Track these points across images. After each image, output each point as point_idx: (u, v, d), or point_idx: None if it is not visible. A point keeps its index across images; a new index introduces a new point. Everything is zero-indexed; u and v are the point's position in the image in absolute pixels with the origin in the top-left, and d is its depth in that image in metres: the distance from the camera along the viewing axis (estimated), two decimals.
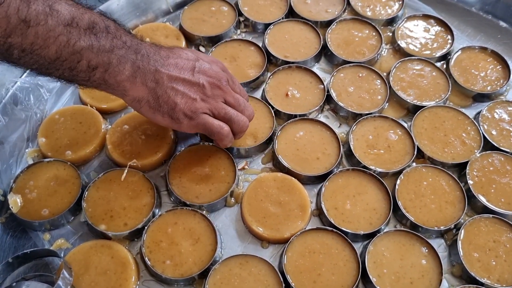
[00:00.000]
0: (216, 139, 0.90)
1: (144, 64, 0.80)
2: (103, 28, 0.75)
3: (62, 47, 0.70)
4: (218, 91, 0.88)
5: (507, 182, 0.95)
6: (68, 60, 0.72)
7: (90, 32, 0.72)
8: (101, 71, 0.76)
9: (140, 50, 0.80)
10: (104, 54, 0.75)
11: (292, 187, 0.94)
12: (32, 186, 0.93)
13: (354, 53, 1.15)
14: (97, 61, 0.74)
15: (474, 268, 0.85)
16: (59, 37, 0.69)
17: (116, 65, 0.77)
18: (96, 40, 0.73)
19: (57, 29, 0.68)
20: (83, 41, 0.71)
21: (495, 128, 1.02)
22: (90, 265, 0.84)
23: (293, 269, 0.84)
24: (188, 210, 0.90)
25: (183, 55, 0.87)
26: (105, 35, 0.75)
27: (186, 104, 0.84)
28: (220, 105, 0.88)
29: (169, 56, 0.84)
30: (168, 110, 0.83)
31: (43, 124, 1.02)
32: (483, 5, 1.26)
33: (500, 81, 1.10)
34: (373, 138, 1.01)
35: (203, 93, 0.86)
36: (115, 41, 0.76)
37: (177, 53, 0.86)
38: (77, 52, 0.71)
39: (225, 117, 0.88)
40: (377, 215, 0.91)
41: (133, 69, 0.79)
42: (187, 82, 0.84)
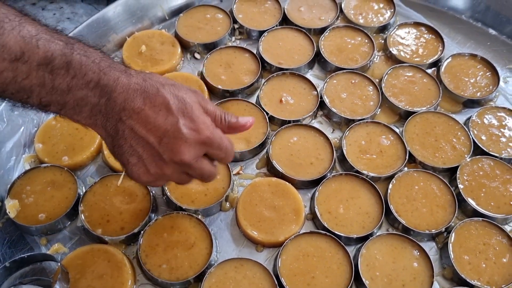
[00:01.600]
0: None
1: (107, 110, 0.69)
2: (63, 64, 0.65)
3: (8, 82, 0.63)
4: (179, 167, 0.74)
5: (497, 186, 0.96)
6: (16, 95, 0.65)
7: (44, 69, 0.64)
8: (55, 108, 0.68)
9: (107, 94, 0.69)
10: (58, 94, 0.66)
11: (286, 192, 0.95)
12: (29, 191, 0.94)
13: (347, 60, 1.17)
14: (49, 99, 0.66)
15: (464, 271, 0.86)
16: (3, 73, 0.61)
17: (72, 106, 0.68)
18: (51, 78, 0.64)
19: (1, 64, 0.61)
20: (32, 79, 0.63)
21: (485, 134, 1.05)
22: (86, 269, 0.85)
23: (287, 272, 0.85)
24: (183, 215, 0.91)
25: (162, 111, 0.70)
26: (63, 72, 0.65)
27: (138, 171, 0.73)
28: (175, 179, 0.78)
29: (143, 108, 0.70)
30: (120, 160, 0.75)
31: (40, 130, 1.03)
32: (473, 13, 1.29)
33: (490, 87, 1.13)
34: (366, 143, 1.02)
35: (161, 166, 0.73)
36: (74, 81, 0.66)
37: (157, 105, 0.70)
38: (25, 89, 0.64)
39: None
40: (369, 218, 0.92)
41: (92, 112, 0.70)
42: (150, 147, 0.71)
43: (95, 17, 1.18)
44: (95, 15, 1.18)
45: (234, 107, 1.07)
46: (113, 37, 1.21)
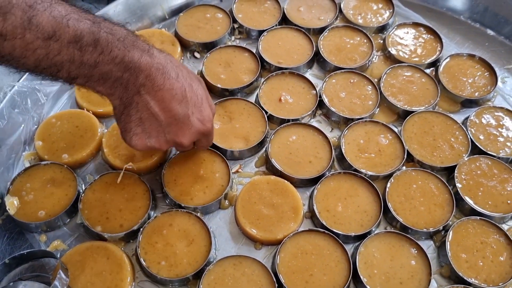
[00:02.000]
0: None
1: (128, 83, 0.76)
2: (90, 42, 0.70)
3: (41, 59, 0.68)
4: (175, 146, 0.86)
5: (494, 185, 0.97)
6: (48, 69, 0.70)
7: (74, 46, 0.69)
8: (81, 80, 0.74)
9: (131, 69, 0.75)
10: (86, 68, 0.72)
11: (285, 190, 0.95)
12: (29, 188, 0.94)
13: (346, 59, 1.18)
14: (77, 73, 0.72)
15: (462, 269, 0.87)
16: (37, 51, 0.66)
17: (97, 79, 0.74)
18: (79, 55, 0.70)
19: (35, 42, 0.65)
20: (63, 55, 0.68)
21: (483, 133, 1.05)
22: (86, 266, 0.86)
23: (286, 269, 0.86)
24: (183, 212, 0.92)
25: (178, 96, 0.79)
26: (91, 49, 0.70)
27: (137, 140, 0.82)
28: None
29: (162, 88, 0.78)
30: (122, 127, 0.82)
31: (40, 127, 1.04)
32: (471, 14, 1.30)
33: (488, 87, 1.13)
34: (364, 142, 1.03)
35: (160, 142, 0.83)
36: (101, 57, 0.72)
37: (176, 89, 0.79)
38: (56, 64, 0.69)
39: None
40: (368, 217, 0.93)
41: (114, 85, 0.76)
42: (157, 125, 0.80)
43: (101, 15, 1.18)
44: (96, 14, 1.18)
45: (234, 106, 1.07)
46: None
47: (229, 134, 1.03)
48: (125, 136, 0.82)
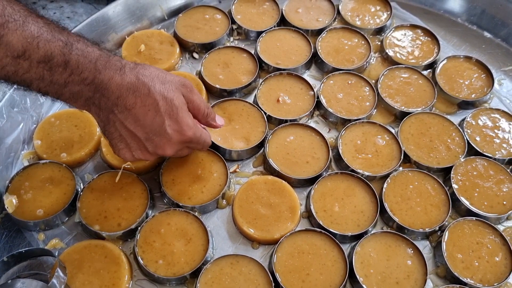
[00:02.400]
0: None
1: (101, 102, 0.77)
2: (61, 62, 0.71)
3: (10, 75, 0.69)
4: (159, 156, 0.88)
5: (490, 186, 0.98)
6: (18, 84, 0.71)
7: (44, 66, 0.70)
8: (52, 96, 0.75)
9: (101, 90, 0.76)
10: (55, 87, 0.73)
11: (282, 190, 0.96)
12: (27, 187, 0.95)
13: (344, 61, 1.19)
14: (47, 90, 0.73)
15: (457, 269, 0.87)
16: (6, 67, 0.67)
17: (68, 97, 0.76)
18: (49, 74, 0.71)
19: (4, 60, 0.66)
20: (33, 73, 0.69)
21: (479, 134, 1.06)
22: (84, 264, 0.86)
23: (283, 269, 0.86)
24: (180, 211, 0.92)
25: (151, 111, 0.79)
26: (61, 70, 0.71)
27: (125, 154, 0.85)
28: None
29: (134, 107, 0.78)
30: (109, 141, 0.85)
31: (39, 126, 1.04)
32: (468, 16, 1.31)
33: (484, 89, 1.14)
34: (361, 143, 1.04)
35: (145, 154, 0.85)
36: (71, 78, 0.72)
37: (147, 105, 0.79)
38: (25, 81, 0.70)
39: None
40: (364, 217, 0.93)
41: (86, 103, 0.78)
42: (137, 140, 0.82)
43: (95, 16, 1.19)
44: (95, 14, 1.19)
45: (232, 106, 1.08)
46: (113, 36, 1.22)
47: (229, 135, 1.03)
48: (113, 150, 0.86)
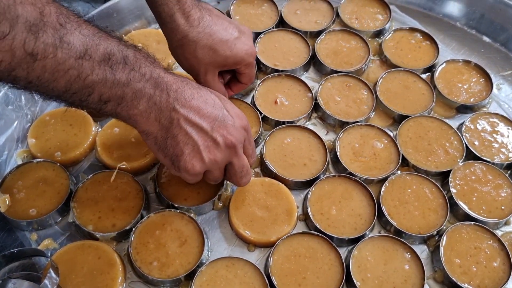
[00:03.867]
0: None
1: (162, 100, 0.74)
2: (120, 59, 0.69)
3: (73, 81, 0.64)
4: (228, 152, 0.81)
5: (488, 191, 0.97)
6: (78, 93, 0.67)
7: (105, 64, 0.67)
8: (113, 104, 0.71)
9: (161, 85, 0.74)
10: (118, 88, 0.69)
11: (279, 192, 0.95)
12: (20, 186, 0.93)
13: (342, 63, 1.18)
14: (109, 95, 0.69)
15: (455, 274, 0.86)
16: (69, 71, 0.63)
17: (130, 100, 0.71)
18: (111, 73, 0.68)
19: (67, 62, 0.62)
20: (95, 75, 0.66)
21: (478, 139, 1.05)
22: (77, 265, 0.85)
23: (279, 272, 0.85)
24: (176, 213, 0.91)
25: (209, 101, 0.79)
26: (122, 67, 0.69)
27: (192, 160, 0.78)
28: (218, 172, 0.84)
29: (193, 98, 0.77)
30: (172, 155, 0.78)
31: (34, 125, 1.03)
32: (467, 21, 1.30)
33: (483, 93, 1.14)
34: (359, 146, 1.03)
35: (214, 151, 0.79)
36: (132, 74, 0.70)
37: (204, 96, 0.79)
38: (88, 86, 0.66)
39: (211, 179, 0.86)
40: (362, 220, 0.93)
41: (148, 104, 0.73)
42: (204, 133, 0.78)
43: (91, 14, 1.18)
44: (92, 13, 1.18)
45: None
46: None
47: None
48: (178, 162, 0.78)
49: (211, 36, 0.90)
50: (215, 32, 0.90)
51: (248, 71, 0.99)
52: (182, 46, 0.90)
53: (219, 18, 0.93)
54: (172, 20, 0.89)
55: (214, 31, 0.90)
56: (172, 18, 0.88)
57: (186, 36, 0.89)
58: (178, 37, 0.90)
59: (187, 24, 0.89)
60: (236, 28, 0.94)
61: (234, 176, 0.86)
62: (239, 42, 0.92)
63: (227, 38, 0.91)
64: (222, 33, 0.91)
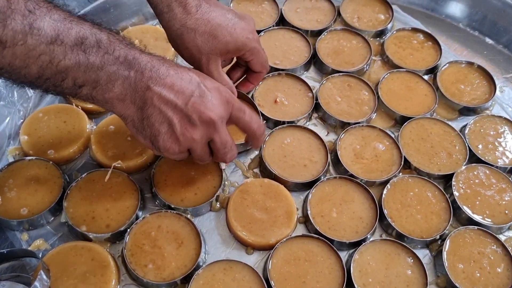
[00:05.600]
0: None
1: (136, 81, 0.73)
2: (94, 42, 0.68)
3: (45, 66, 0.64)
4: (206, 129, 0.79)
5: (492, 194, 0.95)
6: (52, 79, 0.66)
7: (78, 48, 0.66)
8: (88, 88, 0.70)
9: (135, 66, 0.73)
10: (93, 72, 0.69)
11: (278, 194, 0.93)
12: (11, 185, 0.90)
13: (343, 63, 1.16)
14: (84, 79, 0.69)
15: (458, 279, 0.84)
16: (41, 57, 0.63)
17: (105, 83, 0.71)
18: (85, 57, 0.67)
19: (38, 48, 0.62)
20: (68, 60, 0.66)
21: (481, 142, 1.03)
22: (69, 267, 0.82)
23: (278, 276, 0.83)
24: (172, 214, 0.89)
25: (185, 77, 0.77)
26: (96, 50, 0.68)
27: (170, 139, 0.77)
28: (199, 150, 0.82)
29: (168, 75, 0.76)
30: (150, 136, 0.78)
31: (26, 121, 1.00)
32: (470, 22, 1.29)
33: (486, 95, 1.12)
34: (361, 147, 1.01)
35: (189, 129, 0.77)
36: (106, 57, 0.70)
37: (180, 73, 0.77)
38: (61, 71, 0.66)
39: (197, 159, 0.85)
40: (363, 223, 0.90)
41: (123, 86, 0.73)
42: (178, 110, 0.76)
43: (88, 9, 1.16)
44: (88, 7, 1.16)
45: None
46: None
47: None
48: (157, 143, 0.78)
49: (209, 22, 0.87)
50: (213, 18, 0.88)
51: (255, 58, 0.95)
52: (181, 36, 0.88)
53: (217, 5, 0.91)
54: (170, 9, 0.87)
55: (212, 17, 0.88)
56: (170, 8, 0.86)
57: (184, 25, 0.87)
58: (177, 26, 0.87)
59: (184, 12, 0.86)
60: (235, 14, 0.91)
61: (217, 152, 0.84)
62: (239, 27, 0.89)
63: (227, 23, 0.88)
64: (221, 19, 0.88)
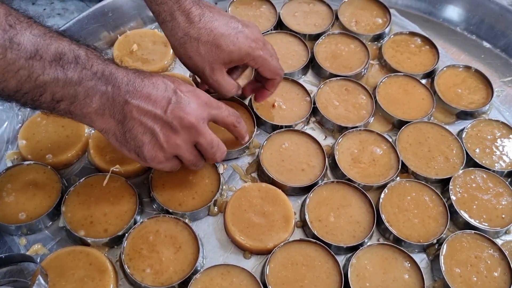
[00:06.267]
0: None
1: (114, 96, 0.74)
2: (72, 58, 0.69)
3: (23, 81, 0.65)
4: (189, 133, 0.80)
5: (489, 199, 0.95)
6: (30, 93, 0.67)
7: (57, 64, 0.67)
8: (66, 103, 0.71)
9: (112, 81, 0.74)
10: (71, 87, 0.70)
11: (276, 198, 0.93)
12: (10, 189, 0.91)
13: (341, 67, 1.16)
14: (62, 94, 0.70)
15: (455, 284, 0.85)
16: (20, 71, 0.64)
17: (83, 98, 0.72)
18: (63, 72, 0.68)
19: (17, 63, 0.63)
20: (47, 75, 0.67)
21: (478, 146, 1.04)
22: (67, 272, 0.82)
23: (276, 280, 0.83)
24: (170, 218, 0.89)
25: (160, 86, 0.78)
26: (74, 66, 0.69)
27: (154, 148, 0.78)
28: (187, 154, 0.83)
29: (143, 86, 0.77)
30: (135, 148, 0.78)
31: (24, 126, 1.00)
32: (467, 26, 1.29)
33: (483, 99, 1.12)
34: (358, 151, 1.01)
35: (172, 136, 0.79)
36: (84, 72, 0.71)
37: (155, 82, 0.78)
38: (40, 86, 0.67)
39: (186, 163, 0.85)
40: (360, 228, 0.91)
41: (101, 101, 0.74)
42: (158, 119, 0.77)
43: (86, 13, 1.16)
44: (86, 12, 1.16)
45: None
46: (104, 35, 1.18)
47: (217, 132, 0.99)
48: (142, 154, 0.79)
49: (212, 32, 0.87)
50: (216, 27, 0.87)
51: (261, 65, 0.93)
52: (184, 45, 0.88)
53: (221, 14, 0.90)
54: (173, 18, 0.87)
55: (215, 26, 0.87)
56: (172, 16, 0.86)
57: (187, 34, 0.87)
58: (180, 35, 0.87)
59: (187, 21, 0.86)
60: (239, 22, 0.91)
61: (206, 153, 0.85)
62: (242, 36, 0.89)
63: (230, 32, 0.88)
64: (224, 28, 0.88)
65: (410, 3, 1.33)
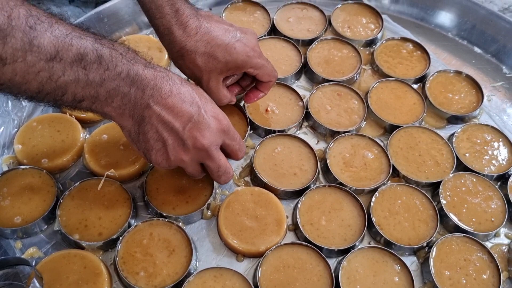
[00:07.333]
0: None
1: (136, 98, 0.74)
2: (94, 59, 0.68)
3: (44, 82, 0.64)
4: (199, 154, 0.81)
5: (478, 202, 0.97)
6: (52, 94, 0.67)
7: (78, 65, 0.66)
8: (87, 102, 0.71)
9: (137, 82, 0.73)
10: (92, 88, 0.69)
11: (268, 202, 0.94)
12: (5, 193, 0.92)
13: (334, 72, 1.18)
14: (83, 95, 0.69)
15: (445, 286, 0.86)
16: (40, 73, 0.63)
17: (104, 98, 0.71)
18: (84, 73, 0.67)
19: (37, 65, 0.62)
20: (67, 76, 0.66)
21: (468, 150, 1.05)
22: (61, 275, 0.83)
23: (267, 283, 0.84)
24: (164, 222, 0.90)
25: (187, 98, 0.77)
26: (96, 66, 0.68)
27: (160, 156, 0.80)
28: (190, 169, 0.84)
29: (170, 94, 0.76)
30: (144, 149, 0.80)
31: (20, 131, 1.01)
32: (459, 31, 1.31)
33: (474, 104, 1.14)
34: (350, 156, 1.02)
35: (181, 152, 0.80)
36: (107, 73, 0.69)
37: (183, 93, 0.77)
38: (61, 87, 0.66)
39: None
40: (351, 231, 0.92)
41: (122, 102, 0.73)
42: (174, 133, 0.77)
43: (83, 19, 1.17)
44: (82, 17, 1.17)
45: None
46: None
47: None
48: (149, 157, 0.80)
49: (209, 43, 0.88)
50: (213, 38, 0.89)
51: (259, 72, 0.95)
52: (182, 57, 0.90)
53: (219, 23, 0.92)
54: (170, 32, 0.88)
55: (212, 38, 0.89)
56: (170, 31, 0.88)
57: (184, 47, 0.88)
58: (177, 48, 0.89)
59: (184, 35, 0.88)
60: (237, 30, 0.92)
61: (211, 174, 0.86)
62: (239, 45, 0.90)
63: (227, 43, 0.89)
64: (221, 38, 0.89)
65: (403, 9, 1.35)
